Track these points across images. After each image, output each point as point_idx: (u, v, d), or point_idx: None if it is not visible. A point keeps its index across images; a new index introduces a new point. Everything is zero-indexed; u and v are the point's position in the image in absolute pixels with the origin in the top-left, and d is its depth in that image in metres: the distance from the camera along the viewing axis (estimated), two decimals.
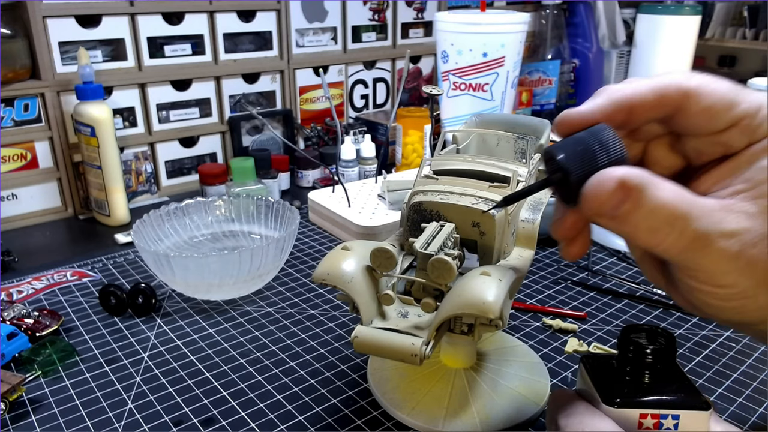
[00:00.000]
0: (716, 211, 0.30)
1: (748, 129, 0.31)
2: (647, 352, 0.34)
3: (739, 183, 0.31)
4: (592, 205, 0.30)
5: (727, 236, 0.30)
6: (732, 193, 0.31)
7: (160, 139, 0.94)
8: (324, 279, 0.39)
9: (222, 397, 0.49)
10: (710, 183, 0.33)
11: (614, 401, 0.33)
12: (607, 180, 0.29)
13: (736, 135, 0.32)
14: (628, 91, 0.32)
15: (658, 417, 0.33)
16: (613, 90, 0.33)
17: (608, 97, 0.33)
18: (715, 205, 0.30)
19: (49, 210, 0.87)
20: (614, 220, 0.30)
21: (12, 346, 0.53)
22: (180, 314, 0.61)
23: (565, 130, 0.33)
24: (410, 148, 1.00)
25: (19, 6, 0.80)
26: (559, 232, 0.35)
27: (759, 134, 0.31)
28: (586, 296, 0.64)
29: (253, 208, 0.72)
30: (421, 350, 0.36)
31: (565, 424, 0.33)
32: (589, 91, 1.33)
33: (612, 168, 0.30)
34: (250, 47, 1.01)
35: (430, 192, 0.42)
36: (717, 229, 0.30)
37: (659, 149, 0.36)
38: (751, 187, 0.31)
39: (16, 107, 0.80)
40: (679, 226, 0.29)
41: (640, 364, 0.34)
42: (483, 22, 0.82)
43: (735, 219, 0.30)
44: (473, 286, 0.35)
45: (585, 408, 0.34)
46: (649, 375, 0.34)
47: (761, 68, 1.41)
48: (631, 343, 0.34)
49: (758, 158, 0.31)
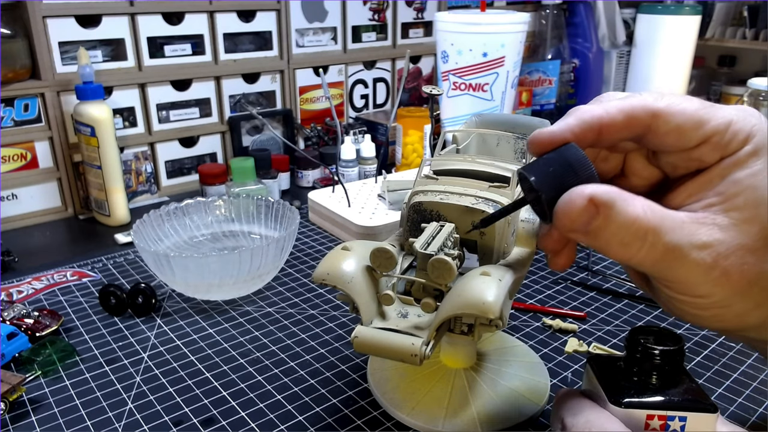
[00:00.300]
0: (688, 224, 0.31)
1: (718, 145, 0.32)
2: (655, 353, 0.34)
3: (712, 196, 0.32)
4: (565, 222, 0.31)
5: (699, 248, 0.31)
6: (705, 206, 0.32)
7: (160, 139, 0.94)
8: (324, 279, 0.39)
9: (222, 397, 0.49)
10: (685, 196, 0.34)
11: (621, 401, 0.33)
12: (577, 198, 0.31)
13: (708, 151, 0.32)
14: (597, 112, 0.33)
15: (665, 418, 0.33)
16: (584, 111, 0.34)
17: (578, 117, 0.34)
18: (686, 219, 0.31)
19: (49, 210, 0.87)
20: (587, 235, 0.31)
21: (12, 346, 0.53)
22: (180, 314, 0.61)
23: (537, 150, 0.34)
24: (410, 148, 1.00)
25: (19, 6, 0.80)
26: (546, 246, 0.37)
27: (730, 149, 0.32)
28: (586, 296, 0.64)
29: (253, 208, 0.72)
30: (421, 350, 0.36)
31: (572, 423, 0.34)
32: (589, 91, 1.33)
33: (582, 186, 0.31)
34: (250, 47, 1.01)
35: (430, 192, 0.42)
36: (689, 241, 0.31)
37: (637, 161, 0.37)
38: (724, 200, 0.32)
39: (16, 107, 0.80)
40: (650, 239, 0.31)
41: (648, 365, 0.34)
42: (483, 22, 0.82)
43: (707, 231, 0.31)
44: (473, 286, 0.35)
45: (592, 407, 0.34)
46: (656, 376, 0.34)
47: (761, 68, 1.41)
48: (640, 344, 0.34)
49: (730, 172, 0.32)
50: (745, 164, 0.32)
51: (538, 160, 0.34)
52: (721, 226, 0.31)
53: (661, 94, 0.33)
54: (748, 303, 0.32)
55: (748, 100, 1.03)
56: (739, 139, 0.32)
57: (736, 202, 0.31)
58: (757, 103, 1.02)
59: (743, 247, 0.31)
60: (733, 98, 1.36)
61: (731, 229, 0.31)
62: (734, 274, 0.31)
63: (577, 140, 0.33)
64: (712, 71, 1.50)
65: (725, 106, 0.33)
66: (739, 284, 0.31)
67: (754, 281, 0.32)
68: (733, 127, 0.32)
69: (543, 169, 0.33)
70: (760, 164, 0.31)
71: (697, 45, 1.18)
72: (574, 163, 0.32)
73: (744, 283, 0.31)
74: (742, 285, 0.31)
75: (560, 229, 0.32)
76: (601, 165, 0.38)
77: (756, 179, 0.31)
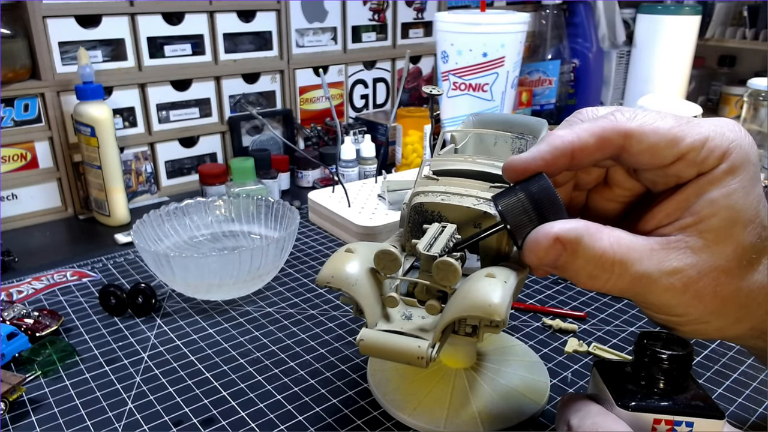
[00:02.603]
0: (657, 251, 0.32)
1: (694, 162, 0.32)
2: (663, 358, 0.34)
3: (687, 216, 0.32)
4: (533, 259, 0.33)
5: (669, 274, 0.31)
6: (679, 227, 0.32)
7: (160, 139, 0.94)
8: (328, 282, 0.39)
9: (222, 397, 0.49)
10: (662, 216, 0.34)
11: (629, 405, 0.33)
12: (543, 237, 0.32)
13: (684, 167, 0.33)
14: (569, 138, 0.34)
15: (672, 423, 0.33)
16: (555, 137, 0.34)
17: (550, 144, 0.34)
18: (656, 245, 0.32)
19: (49, 210, 0.87)
20: (555, 269, 0.33)
21: (12, 346, 0.53)
22: (180, 314, 0.61)
23: (512, 176, 0.35)
24: (410, 148, 1.00)
25: (19, 6, 0.80)
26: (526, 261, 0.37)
27: (707, 165, 0.32)
28: (586, 296, 0.64)
29: (253, 208, 0.72)
30: (427, 353, 0.36)
31: (578, 424, 0.34)
32: (589, 91, 1.33)
33: (549, 224, 0.32)
34: (250, 47, 1.01)
35: (431, 193, 0.42)
36: (658, 268, 0.32)
37: (618, 174, 0.38)
38: (698, 221, 0.32)
39: (16, 107, 0.80)
40: (617, 270, 0.32)
41: (655, 369, 0.34)
42: (483, 22, 0.82)
43: (677, 257, 0.32)
44: (479, 288, 0.35)
45: (598, 410, 0.34)
46: (664, 381, 0.34)
47: (761, 68, 1.41)
48: (648, 349, 0.34)
49: (705, 191, 0.32)
50: (721, 183, 0.32)
51: (508, 189, 0.35)
52: (694, 248, 0.32)
53: (635, 111, 0.34)
54: (727, 319, 0.33)
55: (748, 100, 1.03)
56: (715, 155, 0.32)
57: (711, 223, 0.32)
58: (757, 103, 1.02)
59: (716, 269, 0.31)
60: (733, 98, 1.36)
61: (704, 251, 0.32)
62: (707, 296, 0.32)
63: (550, 167, 0.34)
64: (712, 71, 1.50)
65: (703, 121, 0.33)
66: (713, 304, 0.32)
67: (729, 299, 0.32)
68: (709, 144, 0.32)
69: (509, 199, 0.34)
70: (736, 183, 0.31)
71: (697, 45, 1.18)
72: (541, 197, 0.34)
73: (718, 302, 0.32)
74: (716, 304, 0.32)
75: (529, 264, 0.34)
76: (583, 176, 0.39)
77: (731, 199, 0.31)
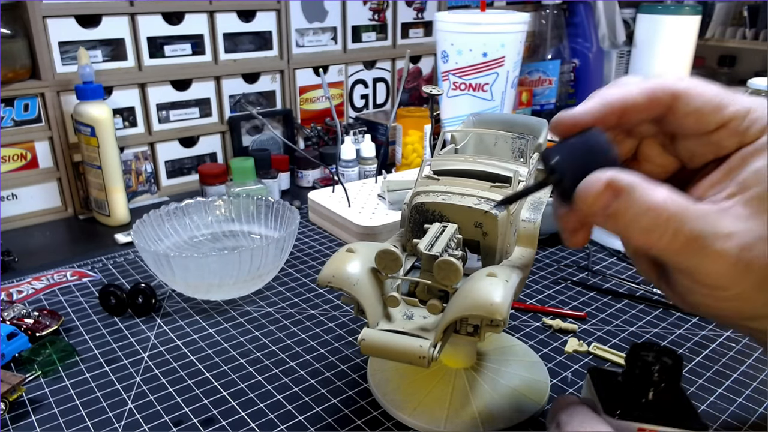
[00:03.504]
0: (711, 213, 0.31)
1: (736, 131, 0.32)
2: (653, 369, 0.35)
3: (732, 186, 0.32)
4: (584, 205, 0.32)
5: (723, 238, 0.30)
6: (726, 196, 0.32)
7: (160, 139, 0.94)
8: (330, 282, 0.39)
9: (222, 397, 0.49)
10: (706, 187, 0.33)
11: (615, 412, 0.35)
12: (596, 181, 0.31)
13: (726, 136, 0.32)
14: (620, 94, 0.33)
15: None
16: (606, 93, 0.34)
17: (600, 99, 0.34)
18: (709, 209, 0.31)
19: (49, 210, 0.87)
20: (607, 219, 0.31)
21: (12, 346, 0.53)
22: (180, 314, 0.61)
23: (560, 132, 0.34)
24: (410, 148, 1.00)
25: (19, 6, 0.80)
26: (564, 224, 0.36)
27: (749, 136, 0.32)
28: (586, 296, 0.64)
29: (253, 208, 0.72)
30: (429, 353, 0.36)
31: (566, 422, 0.34)
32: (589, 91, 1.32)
33: (602, 170, 0.31)
34: (250, 47, 1.01)
35: (431, 192, 0.42)
36: (713, 231, 0.30)
37: (652, 148, 0.37)
38: (743, 189, 0.31)
39: (16, 107, 0.80)
40: (673, 226, 0.30)
41: (645, 380, 0.35)
42: (483, 22, 0.82)
43: (731, 222, 0.30)
44: (480, 287, 0.35)
45: (587, 411, 0.35)
46: (652, 392, 0.35)
47: (761, 68, 1.41)
48: (639, 359, 0.35)
49: (749, 161, 0.32)
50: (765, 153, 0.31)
51: (562, 143, 0.34)
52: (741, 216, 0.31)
53: (683, 76, 0.33)
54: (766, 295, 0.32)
55: None
56: (757, 127, 0.32)
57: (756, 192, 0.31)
58: None
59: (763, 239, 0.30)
60: None
61: (750, 220, 0.30)
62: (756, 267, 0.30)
63: (600, 122, 0.33)
64: (712, 71, 1.50)
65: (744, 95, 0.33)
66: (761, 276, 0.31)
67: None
68: (752, 115, 0.32)
69: (565, 152, 0.33)
70: None
71: (697, 45, 1.17)
72: (595, 148, 0.33)
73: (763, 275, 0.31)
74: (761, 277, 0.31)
75: (580, 212, 0.32)
76: None
77: None
